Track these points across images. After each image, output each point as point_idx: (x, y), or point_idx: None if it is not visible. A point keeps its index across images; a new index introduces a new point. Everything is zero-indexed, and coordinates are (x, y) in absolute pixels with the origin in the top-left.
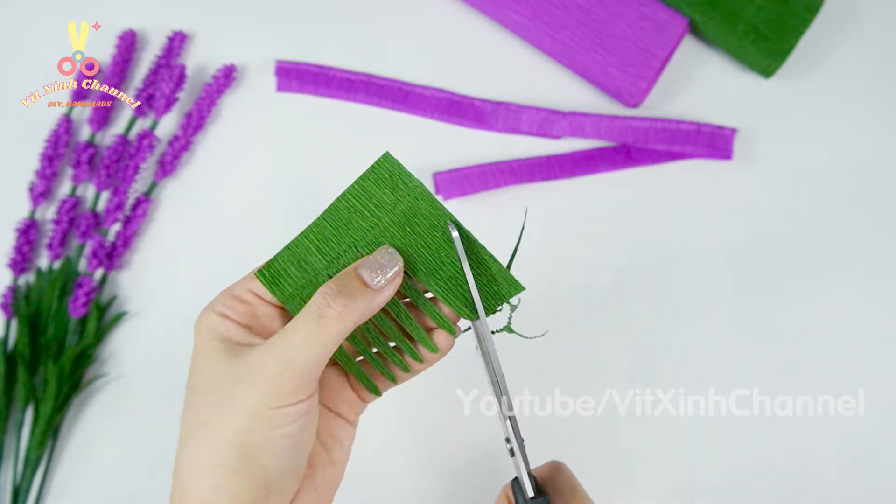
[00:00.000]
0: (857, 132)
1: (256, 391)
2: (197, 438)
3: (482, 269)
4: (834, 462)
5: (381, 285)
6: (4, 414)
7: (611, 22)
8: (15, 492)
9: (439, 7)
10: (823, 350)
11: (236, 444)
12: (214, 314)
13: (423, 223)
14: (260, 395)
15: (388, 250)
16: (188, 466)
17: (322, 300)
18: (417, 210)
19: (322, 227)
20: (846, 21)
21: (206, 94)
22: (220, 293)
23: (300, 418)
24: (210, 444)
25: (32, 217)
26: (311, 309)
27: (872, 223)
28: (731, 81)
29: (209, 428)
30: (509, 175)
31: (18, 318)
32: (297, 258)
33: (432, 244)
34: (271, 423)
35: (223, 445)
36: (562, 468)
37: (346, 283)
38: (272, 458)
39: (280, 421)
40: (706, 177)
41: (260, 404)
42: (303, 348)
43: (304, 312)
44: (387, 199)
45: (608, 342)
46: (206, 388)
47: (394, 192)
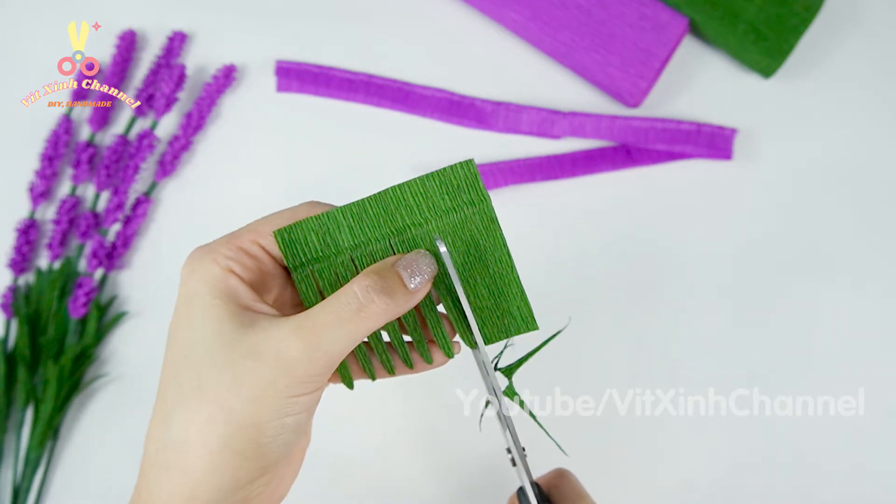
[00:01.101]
0: (857, 132)
1: (275, 375)
2: (192, 410)
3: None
4: (834, 462)
5: (416, 288)
6: (4, 414)
7: (611, 22)
8: (15, 492)
9: (439, 7)
10: (823, 350)
11: (246, 426)
12: (217, 265)
13: (467, 239)
14: (278, 381)
15: (425, 254)
16: (179, 440)
17: (365, 294)
18: (469, 225)
19: (363, 209)
20: (846, 21)
21: (206, 94)
22: (221, 240)
23: (312, 406)
24: (212, 421)
25: (32, 217)
26: (349, 299)
27: (872, 223)
28: (731, 81)
29: (210, 401)
30: (509, 175)
31: (18, 318)
32: (324, 230)
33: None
34: (285, 411)
35: (230, 425)
36: (567, 475)
37: (388, 279)
38: (276, 443)
39: (294, 409)
40: (706, 177)
41: (277, 391)
42: (333, 339)
43: (341, 302)
44: (442, 205)
45: (608, 342)
46: (205, 355)
47: (454, 199)
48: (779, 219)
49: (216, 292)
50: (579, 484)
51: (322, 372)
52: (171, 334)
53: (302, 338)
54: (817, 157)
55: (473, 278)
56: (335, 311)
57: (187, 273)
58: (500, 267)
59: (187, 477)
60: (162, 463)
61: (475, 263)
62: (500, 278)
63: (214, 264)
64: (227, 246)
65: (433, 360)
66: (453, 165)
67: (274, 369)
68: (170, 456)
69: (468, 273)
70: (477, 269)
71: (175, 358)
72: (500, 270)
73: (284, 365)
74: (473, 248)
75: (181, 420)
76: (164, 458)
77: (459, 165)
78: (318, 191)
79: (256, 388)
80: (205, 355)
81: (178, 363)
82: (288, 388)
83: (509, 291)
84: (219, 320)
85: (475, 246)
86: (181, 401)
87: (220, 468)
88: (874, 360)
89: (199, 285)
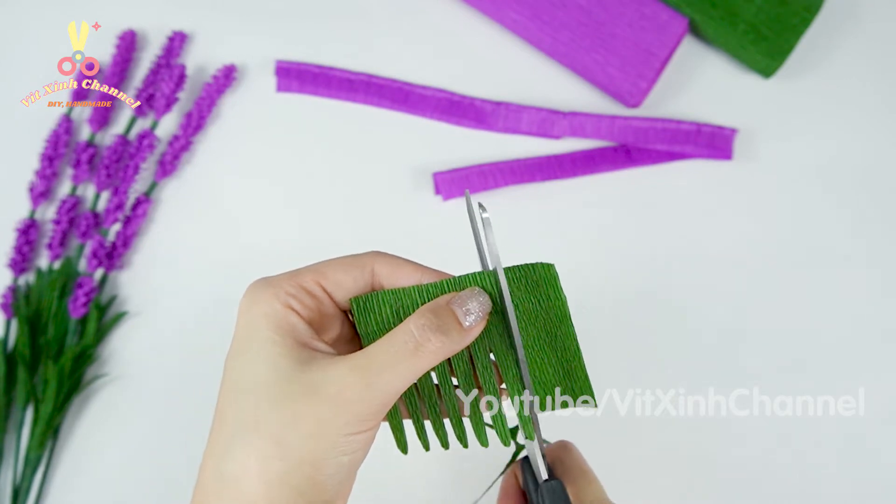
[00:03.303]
0: (857, 132)
1: (333, 414)
2: (250, 444)
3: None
4: (834, 462)
5: (471, 326)
6: (4, 414)
7: (611, 22)
8: (15, 492)
9: (439, 7)
10: (823, 350)
11: (304, 464)
12: (278, 301)
13: (539, 325)
14: (336, 419)
15: (479, 291)
16: (237, 472)
17: (421, 332)
18: (542, 314)
19: (440, 290)
20: (846, 21)
21: (206, 94)
22: (283, 276)
23: (368, 444)
24: (270, 456)
25: (32, 217)
26: (406, 338)
27: (873, 223)
28: (731, 81)
29: (268, 436)
30: (509, 175)
31: (18, 318)
32: (398, 304)
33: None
34: (342, 449)
35: (288, 462)
36: (570, 448)
37: (443, 318)
38: (332, 480)
39: (350, 447)
40: (706, 177)
41: (334, 428)
42: (391, 377)
43: (397, 340)
44: (519, 294)
45: (608, 342)
46: (263, 389)
47: (531, 292)
48: (779, 219)
49: (275, 327)
50: (582, 457)
51: (378, 410)
52: (227, 365)
53: (360, 376)
54: (817, 156)
55: (541, 358)
56: (392, 349)
57: (246, 305)
58: (568, 354)
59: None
60: (218, 492)
61: (544, 346)
62: (567, 363)
63: (275, 299)
64: (289, 282)
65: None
66: (535, 264)
67: (332, 406)
68: (227, 485)
69: (534, 352)
70: (545, 351)
71: (232, 390)
72: (567, 357)
73: (343, 402)
74: (544, 334)
75: (239, 453)
76: (221, 488)
77: (541, 265)
78: (319, 190)
79: (314, 425)
80: (262, 389)
81: (236, 395)
82: (346, 426)
83: (574, 375)
84: (277, 356)
85: (546, 332)
86: (239, 434)
87: (275, 501)
88: (874, 360)
89: (258, 319)
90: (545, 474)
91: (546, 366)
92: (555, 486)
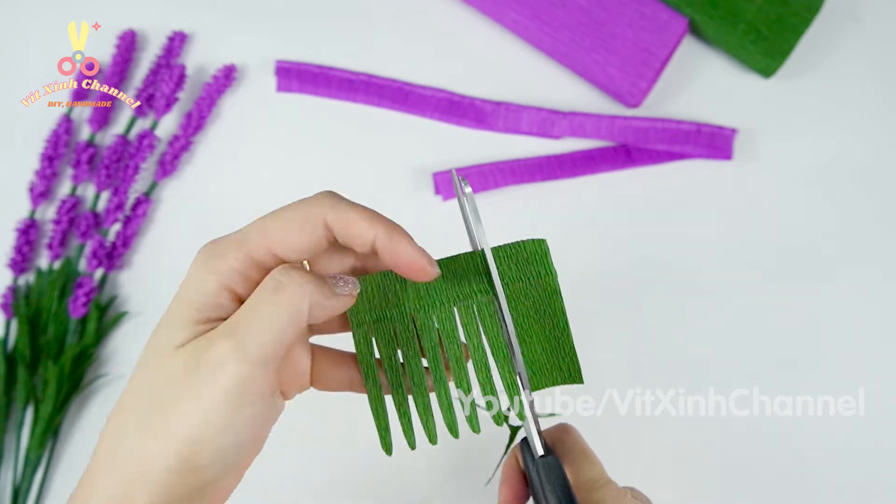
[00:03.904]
0: (857, 132)
1: (212, 384)
2: (141, 423)
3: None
4: (834, 462)
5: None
6: (4, 414)
7: (611, 22)
8: (15, 492)
9: (439, 7)
10: (823, 350)
11: (184, 448)
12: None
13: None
14: (215, 390)
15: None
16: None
17: (282, 272)
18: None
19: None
20: (846, 21)
21: (206, 94)
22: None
23: (255, 414)
24: (154, 438)
25: (32, 217)
26: (267, 282)
27: (872, 223)
28: (731, 81)
29: (156, 420)
30: (509, 175)
31: (18, 318)
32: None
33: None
34: (224, 423)
35: (168, 445)
36: (570, 430)
37: (303, 271)
38: (217, 458)
39: (235, 421)
40: (706, 177)
41: (214, 402)
42: (261, 329)
43: (259, 289)
44: (510, 274)
45: (608, 342)
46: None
47: (521, 270)
48: (779, 219)
49: (198, 308)
50: (582, 439)
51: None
52: (147, 342)
53: (229, 337)
54: (817, 156)
55: (529, 336)
56: (252, 297)
57: (192, 267)
58: (557, 331)
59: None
60: (105, 463)
61: (533, 325)
62: (555, 339)
63: (214, 270)
64: (237, 254)
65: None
66: (525, 241)
67: (210, 380)
68: (112, 457)
69: (524, 330)
70: (534, 329)
71: (139, 369)
72: (555, 334)
73: (218, 373)
74: (533, 312)
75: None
76: (107, 459)
77: (532, 242)
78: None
79: (194, 404)
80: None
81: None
82: (226, 400)
83: (562, 350)
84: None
85: (535, 310)
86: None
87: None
88: (874, 360)
89: (189, 284)
90: (541, 451)
91: (535, 344)
92: (550, 462)
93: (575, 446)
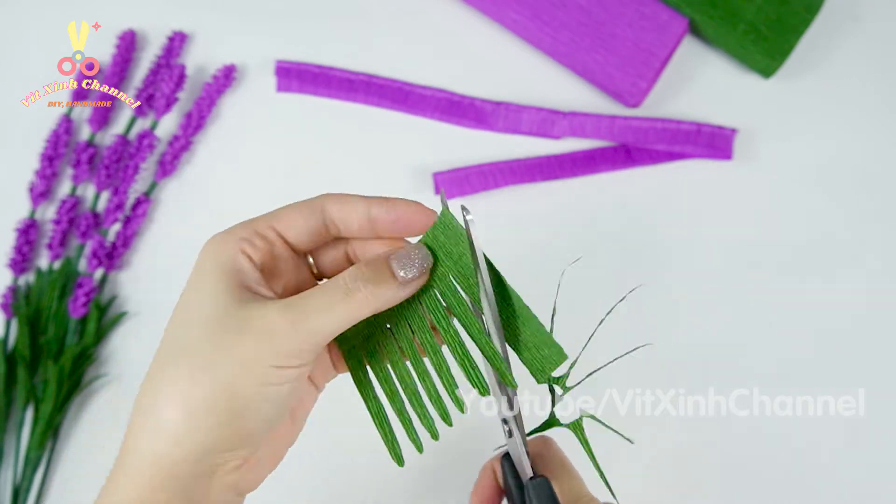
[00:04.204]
0: (857, 132)
1: (258, 347)
2: (176, 371)
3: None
4: (834, 462)
5: (407, 280)
6: (4, 414)
7: (611, 22)
8: (15, 492)
9: (439, 7)
10: (823, 350)
11: (228, 393)
12: (230, 246)
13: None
14: (261, 352)
15: (420, 247)
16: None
17: (352, 281)
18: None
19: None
20: (846, 21)
21: (206, 94)
22: (240, 224)
23: (293, 382)
24: (193, 382)
25: (32, 217)
26: (339, 283)
27: (872, 223)
28: (731, 81)
29: (194, 364)
30: (509, 175)
31: (18, 318)
32: None
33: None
34: (266, 380)
35: (212, 389)
36: (550, 443)
37: (377, 270)
38: (257, 415)
39: (275, 379)
40: (706, 177)
41: (260, 361)
42: (318, 319)
43: (331, 285)
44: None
45: (608, 342)
46: (197, 325)
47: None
48: (779, 218)
49: (222, 269)
50: (562, 452)
51: (304, 349)
52: (176, 306)
53: (288, 315)
54: (817, 156)
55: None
56: (323, 294)
57: (203, 252)
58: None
59: (161, 434)
60: (141, 423)
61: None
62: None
63: (228, 244)
64: (243, 229)
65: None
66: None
67: (258, 340)
68: (148, 414)
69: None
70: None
71: (171, 327)
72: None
73: (268, 336)
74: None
75: (164, 379)
76: (143, 418)
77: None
78: (319, 191)
79: (241, 357)
80: (197, 326)
81: (173, 331)
82: (270, 358)
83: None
84: (217, 294)
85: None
86: (168, 360)
87: (195, 428)
88: (874, 360)
89: (207, 262)
90: (530, 471)
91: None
92: (541, 483)
93: (555, 460)
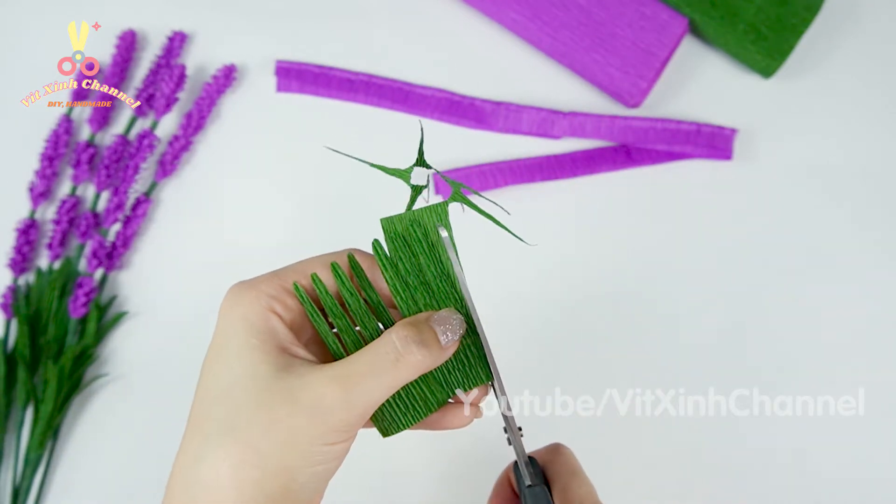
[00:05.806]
0: (857, 132)
1: (310, 423)
2: (224, 450)
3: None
4: (834, 462)
5: (447, 345)
6: (4, 414)
7: (611, 22)
8: (15, 492)
9: (439, 7)
10: (823, 350)
11: (279, 471)
12: (260, 304)
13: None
14: (313, 428)
15: (454, 311)
16: (209, 480)
17: (404, 344)
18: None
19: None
20: (846, 21)
21: (206, 94)
22: (264, 276)
23: (341, 457)
24: (245, 462)
25: (32, 217)
26: (387, 349)
27: (873, 223)
28: (731, 81)
29: (243, 442)
30: (509, 175)
31: (18, 318)
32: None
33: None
34: (317, 458)
35: (263, 469)
36: (562, 450)
37: (426, 333)
38: (305, 489)
39: (325, 457)
40: (706, 177)
41: (310, 437)
42: (370, 388)
43: (379, 352)
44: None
45: (608, 342)
46: (241, 396)
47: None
48: (779, 219)
49: (254, 331)
50: (574, 460)
51: (356, 421)
52: (204, 370)
53: (339, 386)
54: (817, 156)
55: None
56: (373, 360)
57: (227, 308)
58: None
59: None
60: (188, 499)
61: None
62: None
63: (256, 302)
64: (269, 283)
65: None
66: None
67: (309, 416)
68: (198, 493)
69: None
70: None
71: (208, 395)
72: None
73: (320, 412)
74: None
75: (212, 458)
76: (192, 497)
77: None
78: (319, 190)
79: (291, 433)
80: (239, 395)
81: (212, 400)
82: (323, 436)
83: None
84: (256, 361)
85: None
86: (214, 439)
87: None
88: (874, 360)
89: (237, 322)
90: (528, 479)
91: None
92: (537, 492)
93: (565, 467)
